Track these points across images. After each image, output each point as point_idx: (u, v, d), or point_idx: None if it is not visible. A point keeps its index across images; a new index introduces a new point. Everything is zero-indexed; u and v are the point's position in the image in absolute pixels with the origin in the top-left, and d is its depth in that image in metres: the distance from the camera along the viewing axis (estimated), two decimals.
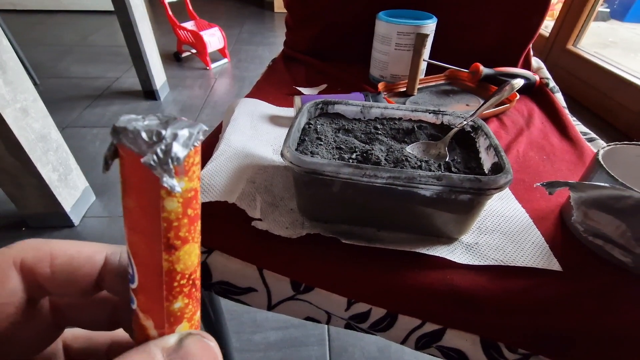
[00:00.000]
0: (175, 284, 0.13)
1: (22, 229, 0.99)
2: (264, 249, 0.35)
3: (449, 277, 0.33)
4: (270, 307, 0.38)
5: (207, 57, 1.92)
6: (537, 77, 0.67)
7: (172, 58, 2.06)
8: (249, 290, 0.37)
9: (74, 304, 0.17)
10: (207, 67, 1.95)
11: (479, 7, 0.70)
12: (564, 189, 0.33)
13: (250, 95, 0.61)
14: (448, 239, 0.35)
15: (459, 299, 0.32)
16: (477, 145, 0.38)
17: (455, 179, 0.29)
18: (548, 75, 0.70)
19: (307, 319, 0.39)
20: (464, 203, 0.31)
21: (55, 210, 0.97)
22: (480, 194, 0.30)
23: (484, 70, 0.64)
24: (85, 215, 1.04)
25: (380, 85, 0.63)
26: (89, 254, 0.16)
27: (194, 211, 0.13)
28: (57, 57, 2.02)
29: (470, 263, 0.33)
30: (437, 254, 0.34)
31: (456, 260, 0.33)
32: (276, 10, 3.05)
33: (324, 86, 0.66)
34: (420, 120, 0.42)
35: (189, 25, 1.95)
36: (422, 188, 0.30)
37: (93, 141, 1.35)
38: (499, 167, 0.32)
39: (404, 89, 0.65)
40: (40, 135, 0.89)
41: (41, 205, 0.95)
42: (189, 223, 0.13)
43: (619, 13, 2.31)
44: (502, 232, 0.36)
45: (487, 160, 0.35)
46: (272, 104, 0.58)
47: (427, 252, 0.34)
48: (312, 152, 0.35)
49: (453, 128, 0.39)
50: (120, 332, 0.19)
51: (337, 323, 0.38)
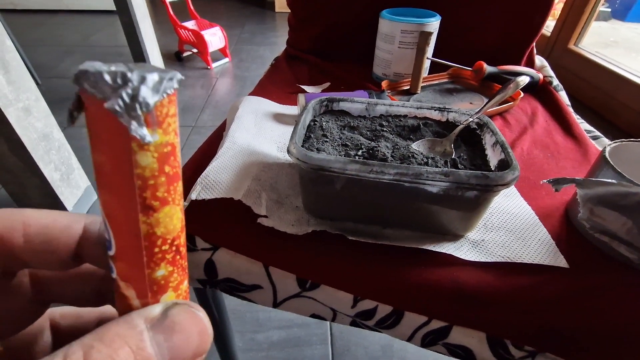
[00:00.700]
0: (157, 250, 0.12)
1: None
2: (270, 246, 0.35)
3: (455, 274, 0.33)
4: (275, 305, 0.38)
5: (208, 56, 1.92)
6: (540, 76, 0.67)
7: (174, 57, 2.06)
8: (254, 287, 0.37)
9: (56, 278, 0.16)
10: (209, 67, 1.95)
11: (483, 6, 0.70)
12: (569, 186, 0.33)
13: (253, 93, 0.61)
14: (454, 236, 0.35)
15: (465, 296, 0.32)
16: (483, 142, 0.38)
17: (462, 175, 0.29)
18: (552, 73, 0.70)
19: (313, 316, 0.39)
20: (471, 200, 0.31)
21: (57, 210, 0.97)
22: (487, 190, 0.30)
23: (488, 68, 0.63)
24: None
25: (384, 84, 0.63)
26: (65, 223, 0.15)
27: (172, 169, 0.12)
28: (58, 57, 2.02)
29: (477, 260, 0.33)
30: (444, 251, 0.33)
31: (462, 257, 0.33)
32: (277, 10, 3.05)
33: (327, 85, 0.66)
34: (426, 118, 0.42)
35: (190, 24, 1.95)
36: (429, 184, 0.30)
37: None
38: (505, 164, 0.32)
39: (408, 87, 0.65)
40: (43, 135, 0.89)
41: (43, 204, 0.95)
42: (167, 182, 0.12)
43: (620, 13, 2.31)
44: (508, 229, 0.36)
45: (493, 157, 0.35)
46: (275, 102, 0.58)
47: (433, 249, 0.34)
48: (318, 149, 0.35)
49: (458, 125, 0.39)
50: (109, 308, 0.19)
51: (343, 320, 0.38)
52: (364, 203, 0.34)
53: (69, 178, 0.99)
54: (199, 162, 0.44)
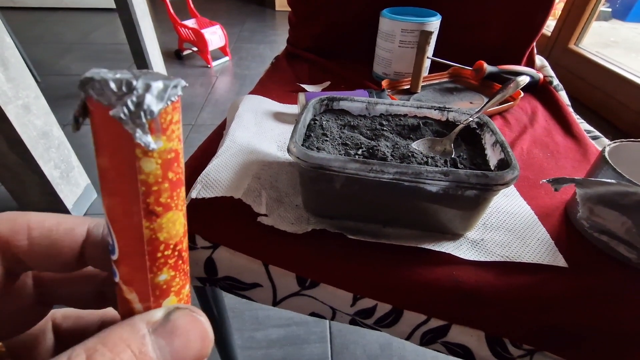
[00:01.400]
0: (159, 255, 0.13)
1: None
2: (270, 244, 0.35)
3: (455, 272, 0.33)
4: (275, 303, 0.38)
5: (208, 55, 1.92)
6: (540, 75, 0.67)
7: (173, 56, 2.06)
8: (254, 285, 0.37)
9: (59, 280, 0.17)
10: (208, 65, 1.95)
11: (483, 5, 0.70)
12: (568, 185, 0.33)
13: (253, 92, 0.61)
14: (453, 235, 0.35)
15: (464, 295, 0.32)
16: (483, 142, 0.38)
17: (462, 174, 0.29)
18: (552, 73, 0.70)
19: (312, 314, 0.39)
20: (470, 199, 0.31)
21: (56, 208, 0.97)
22: (486, 189, 0.30)
23: (488, 68, 0.63)
24: (86, 213, 1.04)
25: (384, 83, 0.63)
26: (69, 226, 0.15)
27: (175, 175, 0.12)
28: (58, 54, 2.02)
29: (476, 259, 0.33)
30: (443, 250, 0.34)
31: (462, 256, 0.33)
32: (277, 8, 3.04)
33: (327, 83, 0.66)
34: (426, 117, 0.42)
35: (190, 23, 1.95)
36: (428, 184, 0.30)
37: None
38: (505, 163, 0.32)
39: (408, 87, 0.65)
40: (42, 132, 0.89)
41: (43, 202, 0.95)
42: (170, 188, 0.12)
43: (621, 13, 2.31)
44: (508, 228, 0.36)
45: (493, 157, 0.35)
46: (276, 101, 0.58)
47: (432, 248, 0.34)
48: (318, 148, 0.35)
49: (458, 124, 0.39)
50: (111, 310, 0.19)
51: (342, 319, 0.38)
52: (363, 202, 0.34)
53: (69, 176, 0.99)
54: (199, 161, 0.44)
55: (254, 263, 0.36)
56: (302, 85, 0.65)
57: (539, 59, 0.76)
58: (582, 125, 0.57)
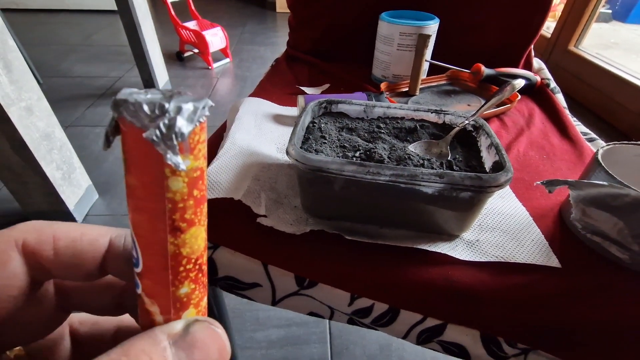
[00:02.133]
0: (182, 269, 0.13)
1: None
2: (269, 244, 0.36)
3: (450, 273, 0.34)
4: (274, 303, 0.39)
5: (209, 56, 1.93)
6: (538, 78, 0.68)
7: (175, 57, 2.07)
8: (254, 285, 0.38)
9: (79, 288, 0.17)
10: (209, 67, 1.96)
11: (481, 8, 0.70)
12: (563, 187, 0.34)
13: (253, 94, 0.61)
14: (449, 236, 0.36)
15: (459, 295, 0.33)
16: (479, 144, 0.39)
17: (456, 176, 0.30)
18: (549, 75, 0.71)
19: (311, 314, 0.39)
20: (465, 200, 0.32)
21: (58, 209, 0.98)
22: (481, 191, 0.31)
23: (486, 70, 0.64)
24: (88, 214, 1.05)
25: (383, 85, 0.64)
26: (93, 236, 0.15)
27: (200, 192, 0.12)
28: (60, 56, 2.03)
29: (471, 259, 0.34)
30: (439, 251, 0.34)
31: (457, 256, 0.34)
32: (278, 10, 3.06)
33: (326, 86, 0.67)
34: (423, 120, 0.43)
35: (192, 25, 1.96)
36: (424, 185, 0.31)
37: (96, 140, 1.35)
38: (499, 166, 0.32)
39: (406, 89, 0.66)
40: (45, 134, 0.90)
41: (45, 203, 0.96)
42: (195, 205, 0.12)
43: (621, 14, 2.32)
44: (503, 229, 0.37)
45: (488, 159, 0.36)
46: (275, 103, 0.59)
47: (428, 249, 0.34)
48: (316, 150, 0.36)
49: (455, 127, 0.40)
50: (127, 317, 0.19)
51: (340, 318, 0.39)
52: (361, 203, 0.35)
53: (71, 177, 1.00)
54: None
55: (253, 263, 0.37)
56: (302, 88, 0.66)
57: (537, 62, 0.77)
58: (578, 127, 0.58)
